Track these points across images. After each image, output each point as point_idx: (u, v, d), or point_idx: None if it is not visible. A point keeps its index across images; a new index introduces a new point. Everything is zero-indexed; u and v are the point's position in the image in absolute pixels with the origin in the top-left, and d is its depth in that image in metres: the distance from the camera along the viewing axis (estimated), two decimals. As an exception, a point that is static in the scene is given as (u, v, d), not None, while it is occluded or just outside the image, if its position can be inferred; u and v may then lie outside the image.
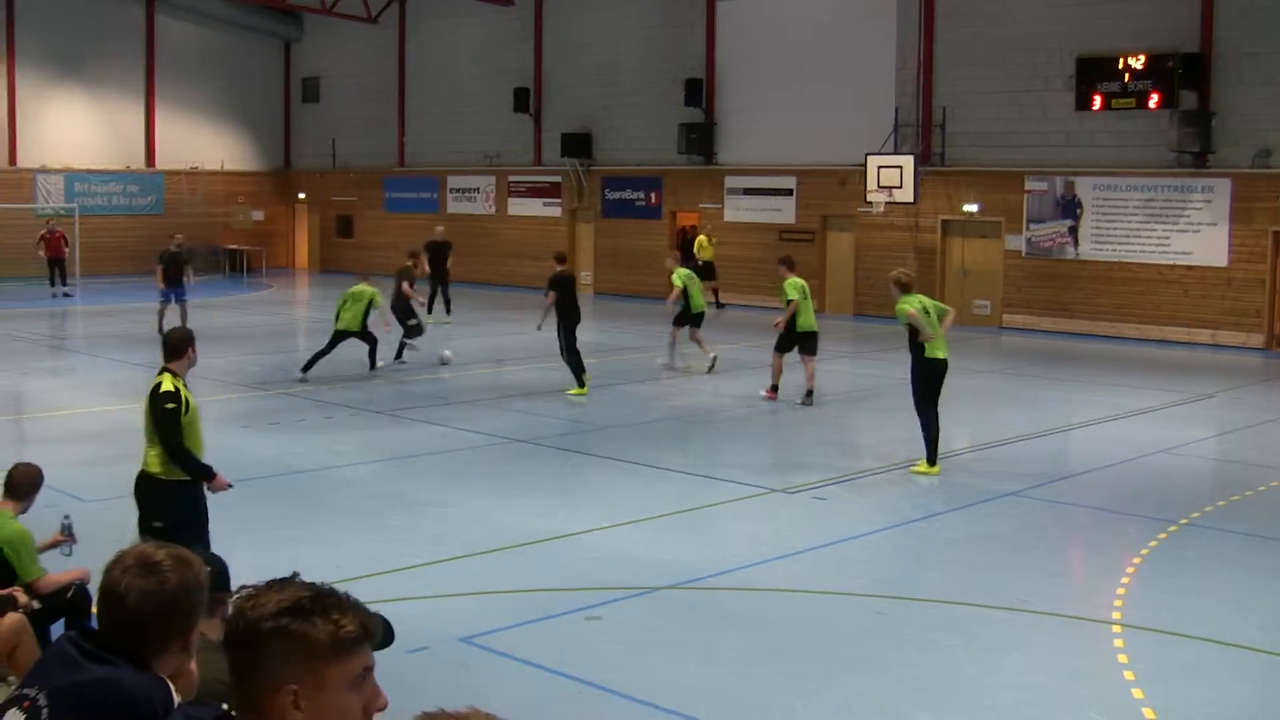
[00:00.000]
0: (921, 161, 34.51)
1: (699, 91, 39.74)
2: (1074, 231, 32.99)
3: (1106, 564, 12.05)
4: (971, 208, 34.49)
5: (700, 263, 36.36)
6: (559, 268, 21.78)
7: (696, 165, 39.96)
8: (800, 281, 20.94)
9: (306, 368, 21.90)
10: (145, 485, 9.49)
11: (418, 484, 14.76)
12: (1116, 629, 10.02)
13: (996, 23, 33.92)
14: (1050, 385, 23.86)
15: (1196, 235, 31.10)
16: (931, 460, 15.64)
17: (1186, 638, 9.93)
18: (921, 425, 15.71)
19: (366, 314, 22.73)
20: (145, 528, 9.19)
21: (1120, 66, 31.49)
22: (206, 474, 9.44)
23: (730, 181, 39.41)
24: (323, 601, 3.05)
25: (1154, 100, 31.12)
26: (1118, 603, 10.68)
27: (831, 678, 8.97)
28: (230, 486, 9.74)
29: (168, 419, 9.21)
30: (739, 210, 39.27)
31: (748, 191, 39.02)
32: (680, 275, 24.47)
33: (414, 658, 8.81)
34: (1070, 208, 32.99)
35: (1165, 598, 11.10)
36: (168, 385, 9.26)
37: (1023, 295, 33.53)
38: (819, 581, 11.15)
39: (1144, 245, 31.82)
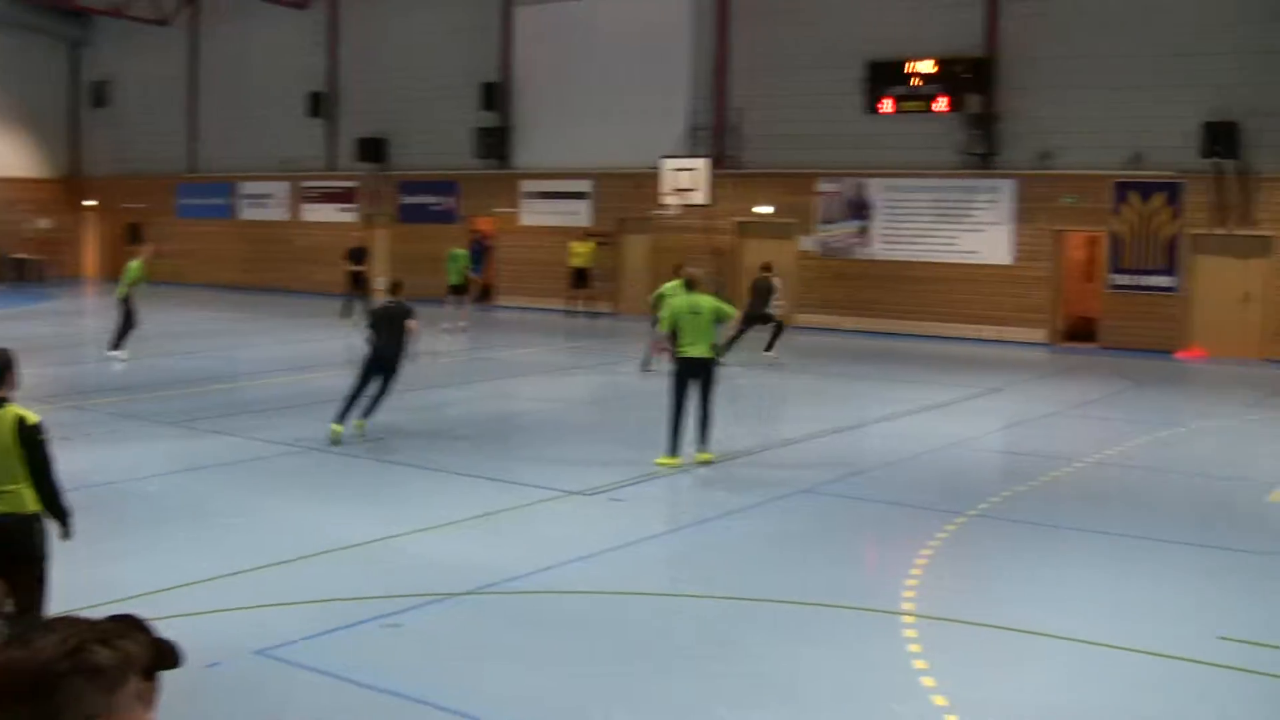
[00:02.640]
0: (716, 164, 34.87)
1: (496, 96, 39.66)
2: (865, 232, 33.62)
3: (898, 556, 12.27)
4: (765, 209, 34.94)
5: (572, 269, 36.52)
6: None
7: (493, 169, 39.88)
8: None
9: None
10: (21, 526, 8.38)
11: (214, 494, 14.45)
12: (908, 619, 10.21)
13: (790, 27, 34.43)
14: (844, 382, 24.29)
15: (983, 235, 31.95)
16: (671, 451, 16.03)
17: (976, 625, 10.16)
18: (668, 416, 16.16)
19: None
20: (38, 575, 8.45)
21: (909, 71, 32.19)
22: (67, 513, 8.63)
23: (526, 185, 39.44)
24: (103, 630, 2.97)
25: (942, 104, 31.87)
26: (909, 594, 10.89)
27: (638, 678, 8.99)
28: None
29: (46, 451, 8.44)
30: (535, 214, 39.29)
31: (544, 195, 39.07)
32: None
33: (208, 673, 8.62)
34: (861, 209, 33.61)
35: (955, 587, 11.34)
36: (31, 416, 8.43)
37: (816, 295, 34.09)
38: (620, 582, 11.17)
39: (933, 245, 32.58)
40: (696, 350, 16.16)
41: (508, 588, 10.91)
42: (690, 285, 16.71)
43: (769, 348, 26.56)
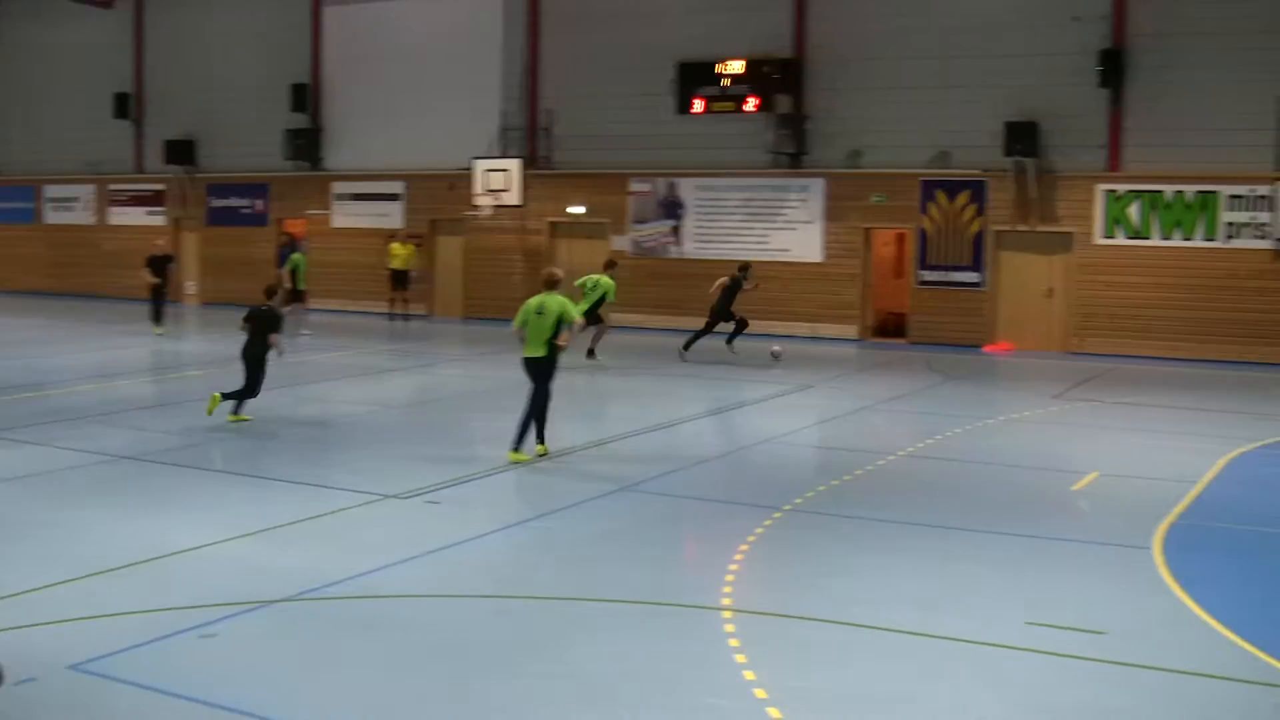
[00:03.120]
0: (528, 165, 34.90)
1: (306, 97, 39.18)
2: (678, 231, 33.88)
3: (716, 552, 12.37)
4: (577, 209, 35.04)
5: (392, 271, 36.13)
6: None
7: (304, 171, 39.38)
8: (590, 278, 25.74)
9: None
10: None
11: (25, 507, 14.05)
12: (727, 614, 10.32)
13: (601, 29, 34.56)
14: (660, 381, 24.43)
15: (794, 233, 32.40)
16: (515, 447, 16.40)
17: (794, 618, 10.31)
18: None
19: None
20: None
21: (720, 72, 32.52)
22: None
23: (338, 187, 39.05)
24: None
25: (752, 104, 32.24)
26: (728, 589, 11.00)
27: (463, 681, 8.94)
28: None
29: None
30: (347, 216, 38.91)
31: (356, 197, 38.72)
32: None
33: (21, 691, 8.39)
34: (673, 208, 33.86)
35: (773, 581, 11.50)
36: None
37: (630, 294, 34.20)
38: (440, 585, 11.12)
39: (744, 243, 32.94)
40: (529, 350, 16.61)
41: (326, 593, 10.80)
42: (549, 285, 16.91)
43: (729, 341, 27.65)
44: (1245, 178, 28.80)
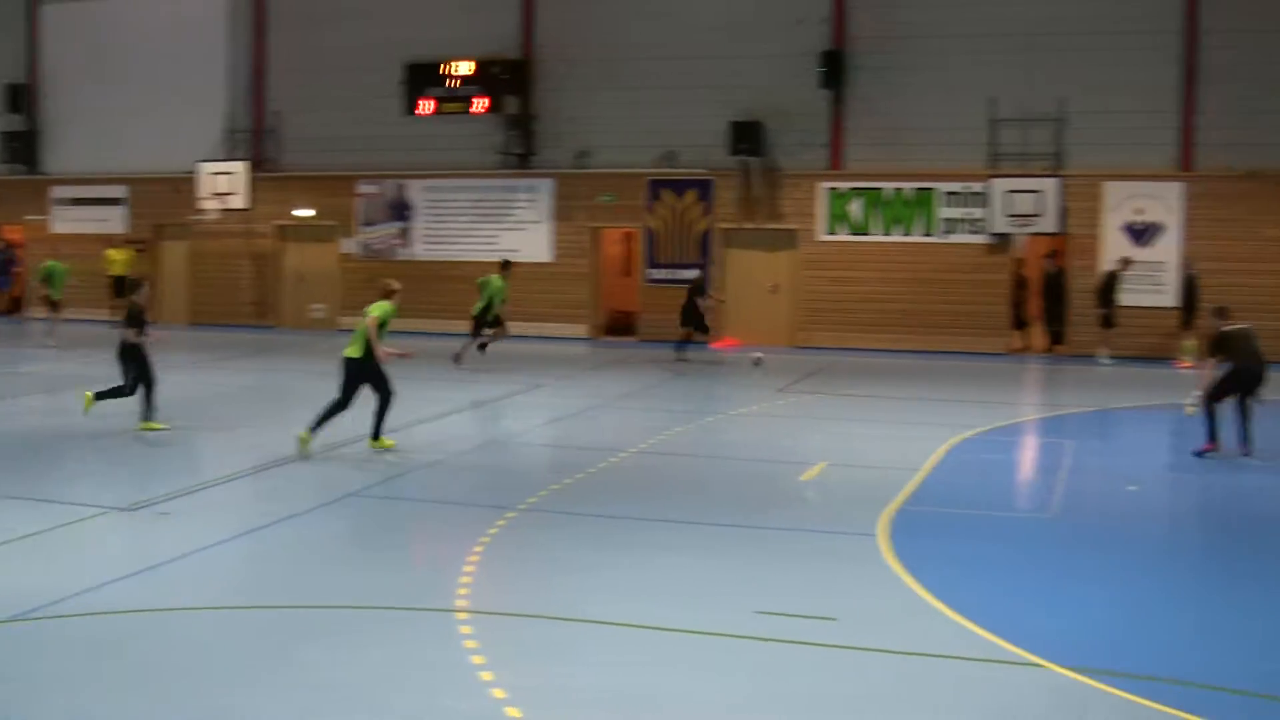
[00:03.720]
0: (255, 167, 34.25)
1: (22, 98, 37.73)
2: (406, 233, 33.62)
3: (451, 554, 12.27)
4: (305, 212, 34.51)
5: (111, 278, 34.84)
6: None
7: (20, 175, 37.93)
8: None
9: None
10: None
11: None
12: (463, 616, 10.23)
13: (329, 29, 34.10)
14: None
15: (523, 233, 32.45)
16: (311, 429, 16.97)
17: (530, 617, 10.27)
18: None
19: None
20: None
21: (448, 73, 32.35)
22: None
23: (57, 192, 37.69)
24: None
25: (480, 105, 32.16)
26: (463, 591, 10.92)
27: (196, 696, 8.66)
28: None
29: None
30: (68, 221, 37.59)
31: (76, 202, 37.43)
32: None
33: None
34: (402, 210, 33.59)
35: (508, 581, 11.44)
36: None
37: (359, 297, 33.80)
38: (170, 599, 10.76)
39: (474, 244, 32.86)
40: (347, 350, 17.25)
41: (51, 612, 10.36)
42: (383, 295, 17.43)
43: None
44: (961, 175, 29.83)
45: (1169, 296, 28.72)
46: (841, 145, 30.75)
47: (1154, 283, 28.82)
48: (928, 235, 30.16)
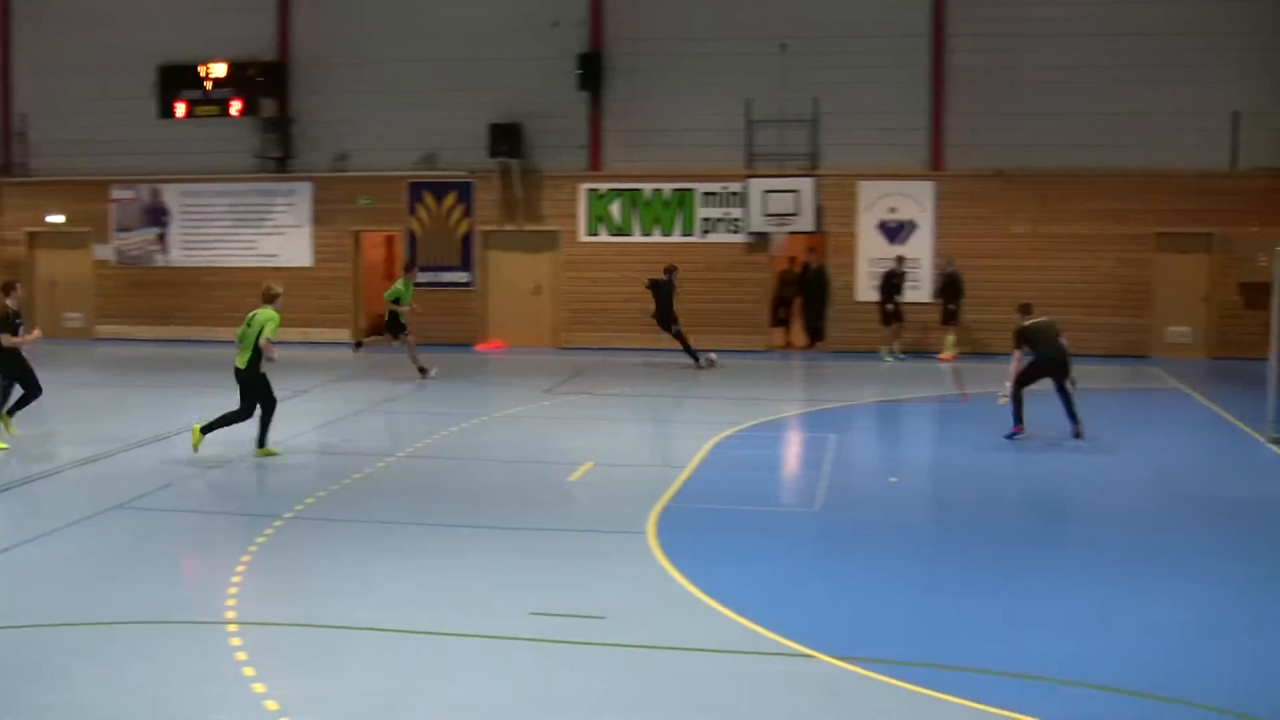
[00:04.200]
0: (3, 172, 33.18)
1: None
2: (163, 239, 32.93)
3: (218, 565, 12.12)
4: (56, 219, 33.55)
5: None
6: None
7: None
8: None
9: None
10: None
11: None
12: (232, 628, 10.12)
13: (77, 29, 33.18)
14: (151, 393, 23.69)
15: (283, 238, 32.04)
16: (205, 429, 17.39)
17: (301, 626, 10.21)
18: None
19: None
20: None
21: (202, 75, 31.76)
22: None
23: None
24: None
25: (236, 108, 31.63)
26: (231, 602, 10.79)
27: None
28: None
29: None
30: None
31: None
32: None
33: None
34: (158, 215, 32.89)
35: (277, 591, 11.34)
36: None
37: (115, 305, 33.10)
38: (-83, 619, 10.44)
39: (232, 250, 32.34)
40: (237, 359, 17.45)
41: None
42: (265, 300, 17.53)
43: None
44: (719, 175, 30.33)
45: (925, 292, 29.58)
46: (601, 146, 31.01)
47: (909, 279, 29.64)
48: (687, 235, 30.60)
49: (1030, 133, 29.44)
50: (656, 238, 30.67)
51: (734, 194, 30.31)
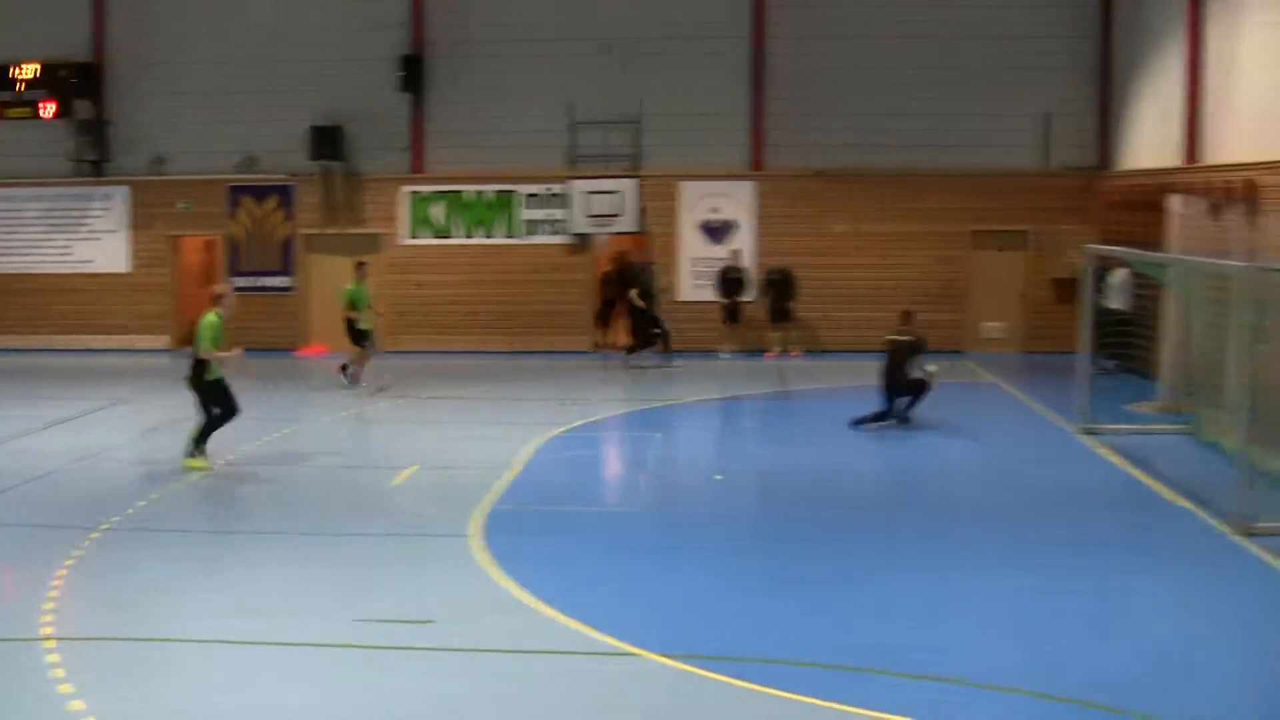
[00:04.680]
0: None
1: None
2: (-28, 245, 32.09)
3: (33, 580, 11.87)
4: None
5: None
6: None
7: None
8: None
9: None
10: None
11: None
12: (49, 644, 9.95)
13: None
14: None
15: (98, 243, 31.43)
16: (194, 449, 16.94)
17: (121, 640, 10.07)
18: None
19: None
20: None
21: (14, 76, 30.98)
22: None
23: None
24: None
25: (50, 110, 30.92)
26: (47, 618, 10.61)
27: None
28: None
29: None
30: None
31: None
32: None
33: None
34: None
35: (95, 604, 11.17)
36: None
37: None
38: None
39: (46, 255, 31.63)
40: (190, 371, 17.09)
41: None
42: (212, 303, 17.12)
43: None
44: (541, 177, 30.37)
45: (749, 291, 29.85)
46: (423, 149, 30.86)
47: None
48: (510, 237, 30.59)
49: (850, 133, 29.97)
50: (480, 240, 30.63)
51: (556, 195, 30.38)
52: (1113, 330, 24.24)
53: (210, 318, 16.82)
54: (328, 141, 30.20)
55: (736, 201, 30.34)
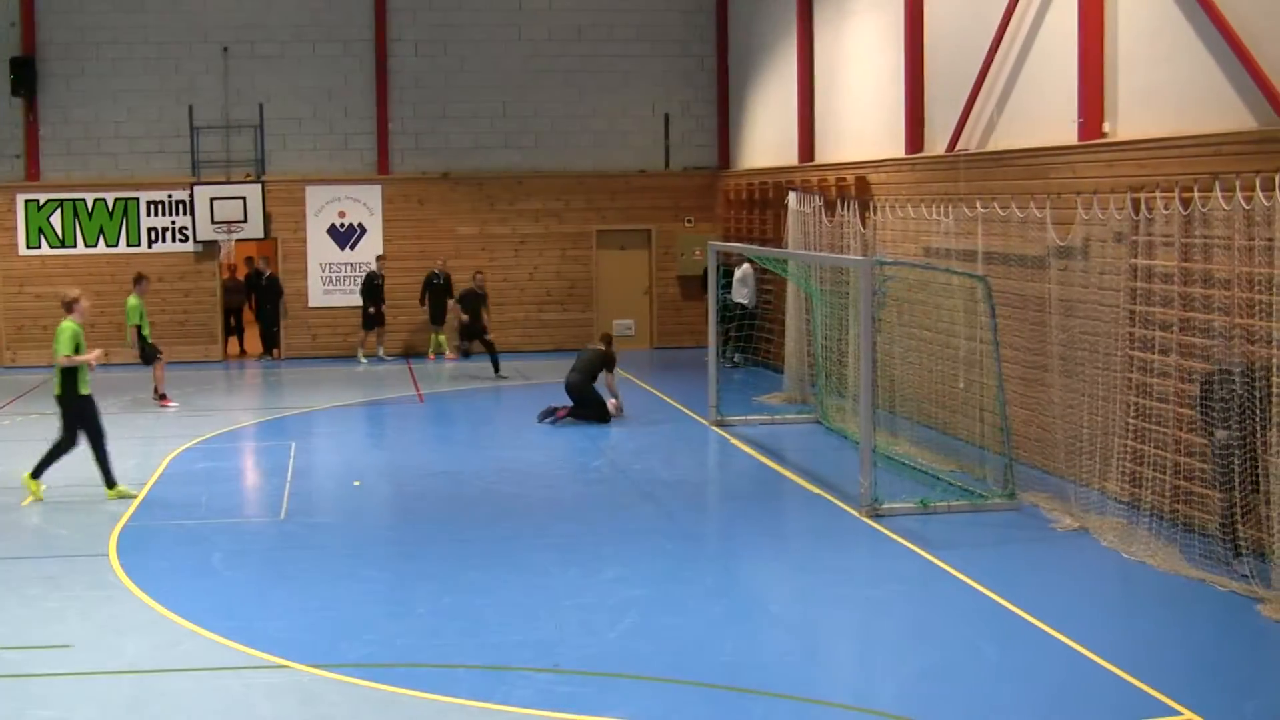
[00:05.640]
0: None
1: None
2: None
3: None
4: None
5: None
6: None
7: None
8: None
9: None
10: None
11: None
12: None
13: None
14: None
15: None
16: (34, 474, 15.97)
17: None
18: None
19: None
20: None
21: None
22: None
23: None
24: None
25: None
26: None
27: None
28: None
29: None
30: None
31: None
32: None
33: None
34: None
35: None
36: None
37: None
38: None
39: None
40: (55, 391, 16.02)
41: None
42: (65, 308, 15.98)
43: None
44: (164, 183, 29.73)
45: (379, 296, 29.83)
46: (38, 155, 29.80)
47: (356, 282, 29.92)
48: (133, 246, 29.82)
49: (474, 135, 30.39)
50: (102, 249, 29.78)
51: (180, 202, 29.78)
52: (739, 325, 25.33)
53: (67, 324, 15.79)
54: None
55: (363, 205, 30.35)
